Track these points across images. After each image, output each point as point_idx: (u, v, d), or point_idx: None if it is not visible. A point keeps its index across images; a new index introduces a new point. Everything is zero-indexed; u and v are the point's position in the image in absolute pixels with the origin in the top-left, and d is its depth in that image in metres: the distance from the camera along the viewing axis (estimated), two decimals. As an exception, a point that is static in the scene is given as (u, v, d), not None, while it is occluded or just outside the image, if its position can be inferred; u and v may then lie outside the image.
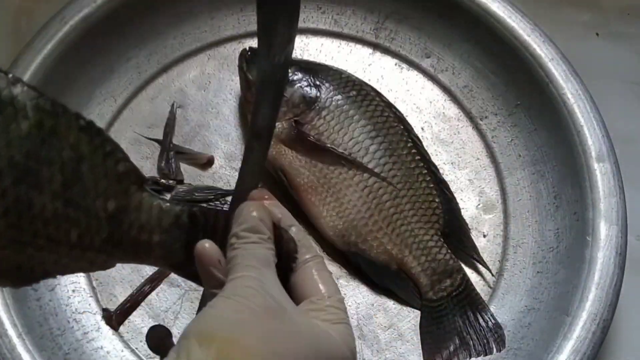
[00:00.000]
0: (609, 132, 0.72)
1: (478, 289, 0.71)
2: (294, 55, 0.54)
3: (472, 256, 0.73)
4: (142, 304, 0.70)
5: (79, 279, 0.70)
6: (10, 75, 0.39)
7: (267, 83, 0.49)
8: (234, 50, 0.81)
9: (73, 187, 0.40)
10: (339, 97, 0.74)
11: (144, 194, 0.44)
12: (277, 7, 0.48)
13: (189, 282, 0.59)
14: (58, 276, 0.44)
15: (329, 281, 0.48)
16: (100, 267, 0.45)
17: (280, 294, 0.45)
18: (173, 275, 0.70)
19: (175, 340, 0.47)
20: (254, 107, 0.50)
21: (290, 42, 0.50)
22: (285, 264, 0.47)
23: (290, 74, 0.74)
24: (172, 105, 0.78)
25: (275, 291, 0.44)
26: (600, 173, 0.71)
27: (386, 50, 0.82)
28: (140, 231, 0.44)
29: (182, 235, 0.46)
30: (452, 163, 0.78)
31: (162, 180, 0.74)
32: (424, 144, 0.76)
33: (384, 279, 0.72)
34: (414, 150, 0.74)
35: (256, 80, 0.51)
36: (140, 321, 0.69)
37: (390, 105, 0.76)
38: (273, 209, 0.49)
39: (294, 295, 0.47)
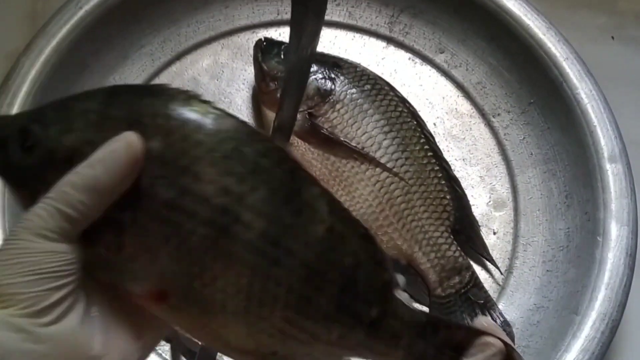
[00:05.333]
0: (621, 134, 0.72)
1: (487, 286, 0.72)
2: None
3: (481, 254, 0.73)
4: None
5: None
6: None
7: (294, 75, 0.49)
8: (247, 40, 0.80)
9: (347, 292, 0.41)
10: (354, 90, 0.74)
11: (397, 301, 0.44)
12: (308, 2, 0.48)
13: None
14: None
15: None
16: None
17: None
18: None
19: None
20: (281, 98, 0.50)
21: (317, 35, 0.50)
22: None
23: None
24: (185, 93, 0.78)
25: None
26: (612, 174, 0.71)
27: (400, 45, 0.82)
28: (393, 336, 0.44)
29: (425, 344, 0.45)
30: (463, 159, 0.78)
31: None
32: (436, 139, 0.76)
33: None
34: (426, 146, 0.74)
35: (284, 72, 0.51)
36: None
37: (404, 100, 0.76)
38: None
39: None
